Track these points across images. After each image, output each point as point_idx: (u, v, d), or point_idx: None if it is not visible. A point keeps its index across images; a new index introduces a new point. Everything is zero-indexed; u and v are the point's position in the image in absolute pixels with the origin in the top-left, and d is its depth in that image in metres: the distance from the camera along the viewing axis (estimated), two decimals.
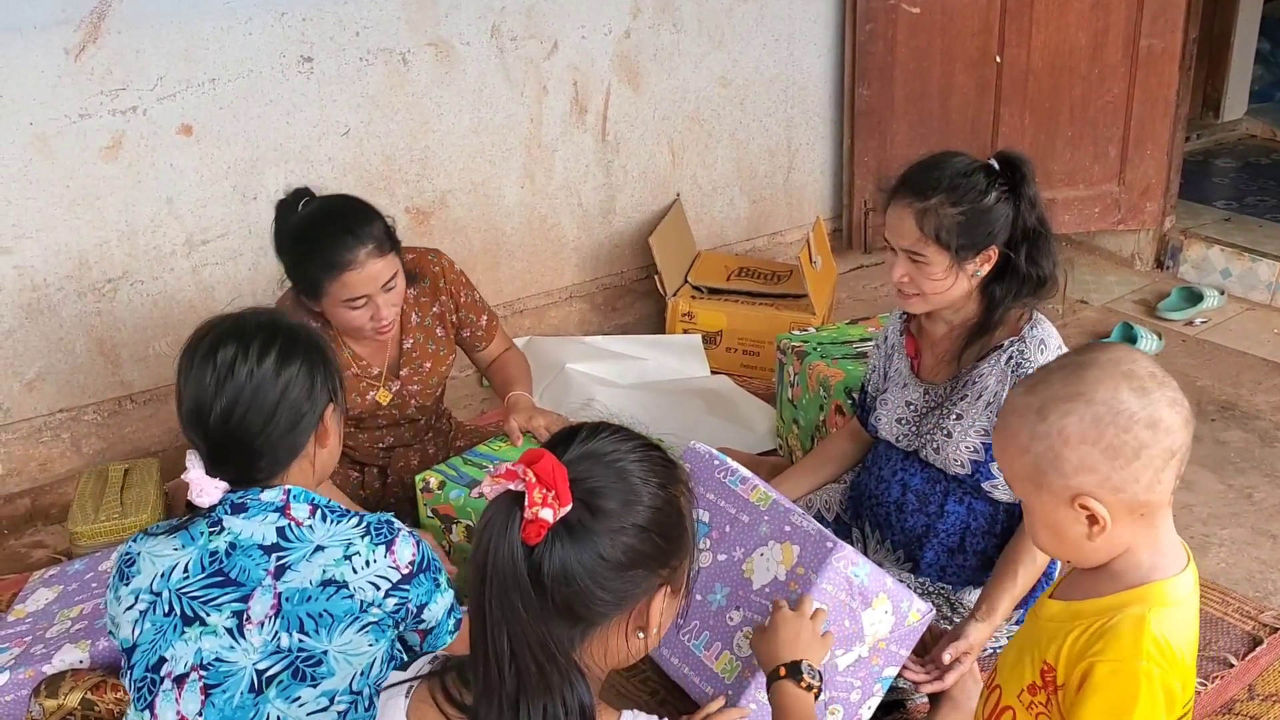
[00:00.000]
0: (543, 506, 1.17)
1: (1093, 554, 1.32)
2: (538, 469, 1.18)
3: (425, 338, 2.57)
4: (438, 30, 3.24)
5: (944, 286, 2.09)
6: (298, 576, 1.55)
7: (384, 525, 1.62)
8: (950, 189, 2.05)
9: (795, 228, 4.21)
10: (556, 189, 3.63)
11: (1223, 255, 4.06)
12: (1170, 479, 1.27)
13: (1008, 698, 1.41)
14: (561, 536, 1.18)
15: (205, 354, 1.57)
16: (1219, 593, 2.51)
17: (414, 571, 1.61)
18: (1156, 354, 3.58)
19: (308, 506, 1.60)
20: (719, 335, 3.58)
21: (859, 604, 1.85)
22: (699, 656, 1.92)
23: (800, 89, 4.04)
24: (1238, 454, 3.06)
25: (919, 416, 2.22)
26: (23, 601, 2.38)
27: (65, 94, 2.76)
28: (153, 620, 1.57)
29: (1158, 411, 1.24)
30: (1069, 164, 4.02)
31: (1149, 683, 1.24)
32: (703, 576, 1.98)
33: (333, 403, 1.64)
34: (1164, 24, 3.85)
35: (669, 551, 1.26)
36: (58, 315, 2.91)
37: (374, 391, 2.52)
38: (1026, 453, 1.28)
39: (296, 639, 1.55)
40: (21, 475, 2.97)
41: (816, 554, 1.87)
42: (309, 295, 2.34)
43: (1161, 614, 1.26)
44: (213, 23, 2.89)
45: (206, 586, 1.56)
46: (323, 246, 2.27)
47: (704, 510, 2.05)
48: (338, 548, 1.58)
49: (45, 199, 2.81)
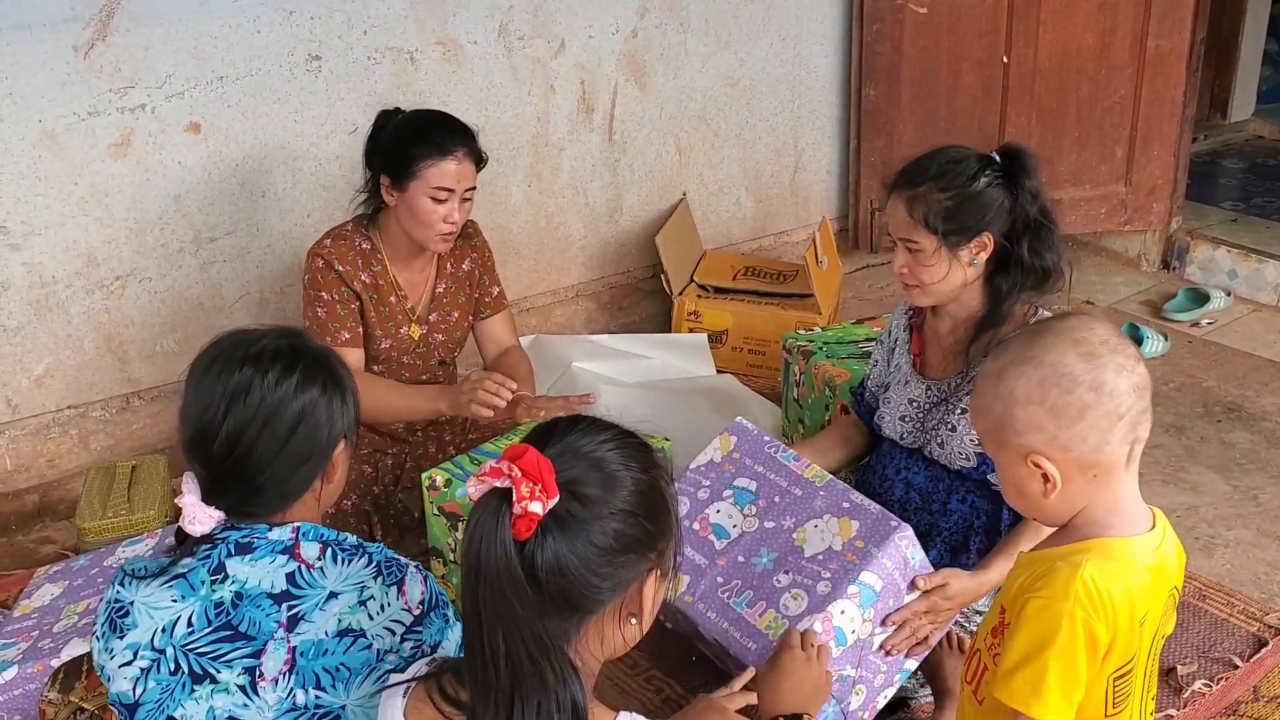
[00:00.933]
0: (531, 500, 1.17)
1: (1053, 512, 1.40)
2: (522, 463, 1.18)
3: (456, 288, 2.69)
4: (445, 29, 3.24)
5: (939, 274, 2.10)
6: (312, 628, 1.45)
7: (392, 563, 1.52)
8: (938, 175, 2.07)
9: (801, 227, 4.21)
10: (563, 188, 3.64)
11: (1229, 256, 4.05)
12: (1120, 441, 1.34)
13: (978, 641, 1.49)
14: (551, 529, 1.19)
15: (219, 372, 1.46)
16: (1224, 594, 2.51)
17: (424, 611, 1.51)
18: (1162, 355, 3.58)
19: (318, 546, 1.49)
20: (725, 334, 3.59)
21: (905, 586, 1.89)
22: (740, 613, 1.90)
23: (807, 89, 4.04)
24: (1244, 455, 3.06)
25: (923, 413, 2.22)
26: (28, 597, 2.39)
27: (74, 91, 2.77)
28: (157, 679, 1.45)
29: (1102, 375, 1.32)
30: (1075, 164, 4.02)
31: (1070, 622, 1.30)
32: (746, 540, 1.98)
33: (345, 440, 1.53)
34: (1171, 24, 3.85)
35: (656, 534, 1.27)
36: (66, 312, 2.92)
37: (406, 327, 2.62)
38: (989, 413, 1.39)
39: (313, 695, 1.44)
40: (30, 471, 2.98)
41: (878, 530, 1.90)
42: (401, 176, 2.45)
43: (1099, 564, 1.33)
44: (221, 21, 2.90)
45: (215, 642, 1.45)
46: (433, 132, 2.46)
47: (750, 480, 2.07)
48: (352, 593, 1.47)
49: (54, 196, 2.82)
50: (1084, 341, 1.34)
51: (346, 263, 2.52)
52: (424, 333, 2.65)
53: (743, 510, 2.03)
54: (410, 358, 2.66)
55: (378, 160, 2.50)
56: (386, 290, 2.58)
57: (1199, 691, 2.24)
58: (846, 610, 1.84)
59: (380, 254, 2.57)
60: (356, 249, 2.55)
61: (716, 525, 2.03)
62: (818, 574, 1.88)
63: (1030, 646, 1.33)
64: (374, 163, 2.52)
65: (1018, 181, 2.08)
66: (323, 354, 1.53)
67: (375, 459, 2.71)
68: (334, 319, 2.51)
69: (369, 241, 2.56)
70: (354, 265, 2.53)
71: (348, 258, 2.53)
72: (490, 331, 2.78)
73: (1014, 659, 1.34)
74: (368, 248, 2.56)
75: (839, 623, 1.83)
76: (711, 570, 1.97)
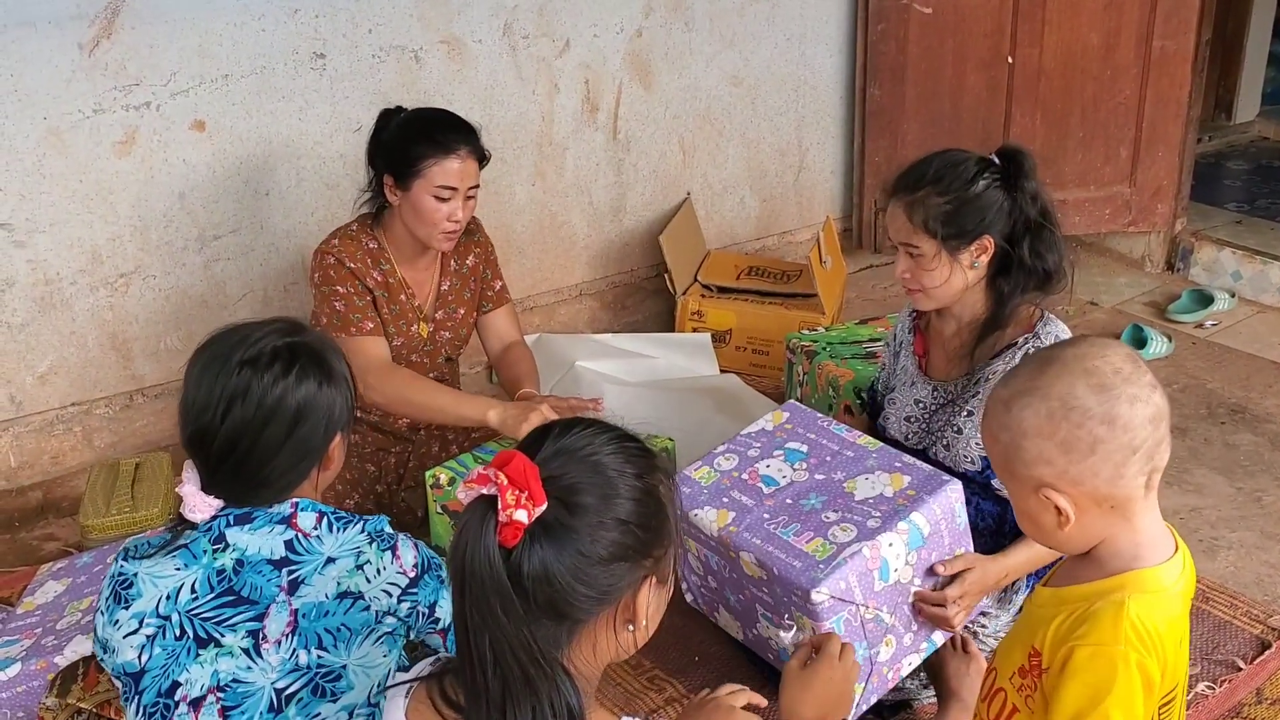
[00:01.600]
0: (516, 508, 1.15)
1: (1068, 542, 1.36)
2: (509, 470, 1.16)
3: (461, 284, 2.70)
4: (450, 28, 3.24)
5: (940, 279, 2.10)
6: (312, 591, 1.51)
7: (384, 531, 1.58)
8: (936, 179, 2.07)
9: (805, 227, 4.21)
10: (567, 187, 3.64)
11: (1234, 258, 4.05)
12: (1135, 473, 1.29)
13: (1001, 680, 1.45)
14: (539, 537, 1.17)
15: (217, 373, 1.49)
16: (1227, 596, 2.51)
17: (419, 573, 1.59)
18: (1166, 356, 3.57)
19: (314, 515, 1.55)
20: (728, 334, 3.59)
21: (949, 542, 1.94)
22: (787, 540, 1.91)
23: (811, 88, 4.04)
24: (1248, 457, 3.05)
25: (929, 414, 2.22)
26: (31, 594, 2.39)
27: (79, 89, 2.77)
28: (162, 645, 1.51)
29: (1115, 408, 1.27)
30: (1080, 165, 4.01)
31: (1126, 667, 1.26)
32: (795, 487, 2.00)
33: (341, 432, 1.58)
34: (1176, 25, 3.84)
35: (651, 542, 1.25)
36: (70, 309, 2.92)
37: (415, 325, 2.61)
38: (997, 442, 1.35)
39: (315, 655, 1.51)
40: (33, 468, 2.99)
41: (930, 483, 1.94)
42: (404, 175, 2.45)
43: (1141, 600, 1.29)
44: (226, 19, 2.90)
45: (218, 607, 1.51)
46: (435, 131, 2.46)
47: (801, 443, 2.10)
48: (349, 558, 1.54)
49: (59, 193, 2.82)
50: (1095, 371, 1.28)
51: (357, 260, 2.52)
52: (431, 330, 2.66)
53: (793, 466, 2.06)
54: (419, 355, 2.66)
55: (381, 160, 2.50)
56: (396, 288, 2.58)
57: (1202, 694, 2.24)
58: (894, 545, 1.87)
59: (387, 253, 2.57)
60: (364, 248, 2.55)
61: (766, 476, 2.05)
62: (868, 513, 1.91)
63: (1086, 698, 1.27)
64: (377, 162, 2.52)
65: (1016, 183, 2.08)
66: (318, 348, 1.56)
67: (378, 457, 2.71)
68: (354, 310, 2.49)
69: (375, 241, 2.56)
70: (364, 264, 2.53)
71: (357, 256, 2.52)
72: (494, 325, 2.78)
73: (1069, 712, 1.29)
74: (375, 247, 2.56)
75: (885, 554, 1.86)
76: (759, 509, 1.98)
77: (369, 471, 2.68)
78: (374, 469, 2.70)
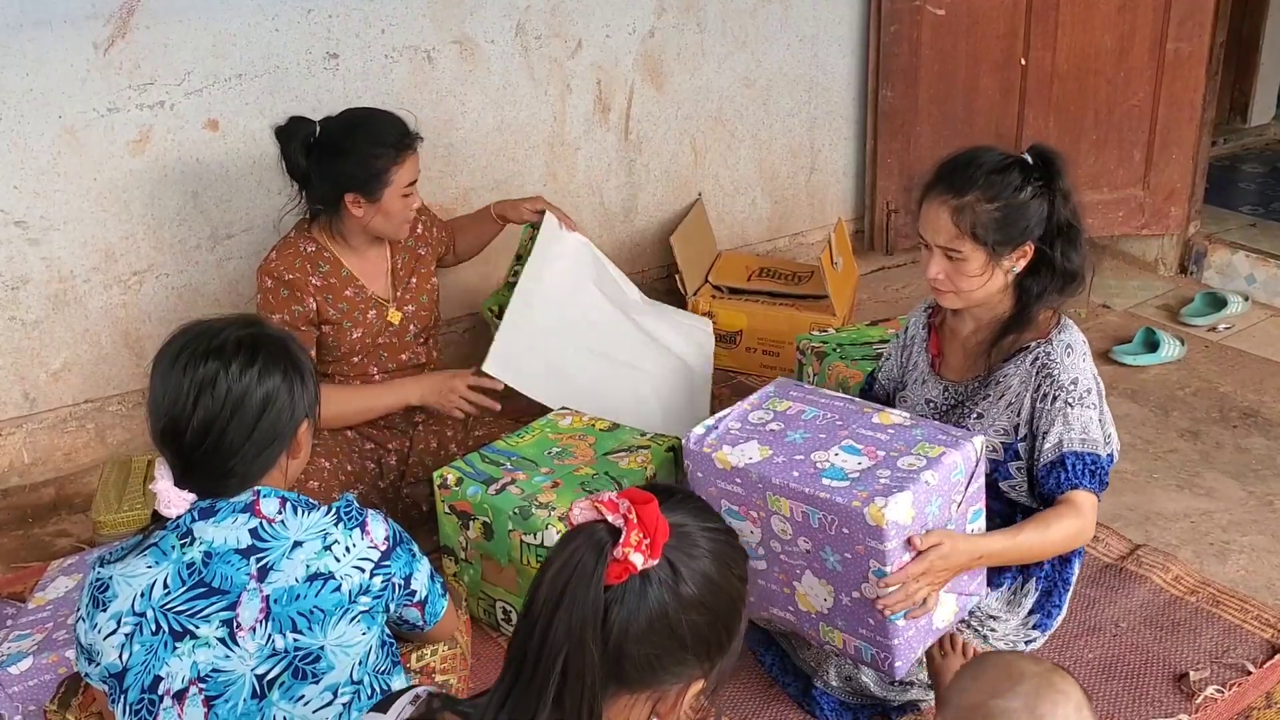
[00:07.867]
0: (635, 550, 1.12)
1: None
2: (642, 511, 1.13)
3: (409, 255, 2.76)
4: (463, 28, 3.25)
5: (980, 283, 2.09)
6: (281, 576, 1.53)
7: (351, 508, 1.61)
8: (986, 185, 2.04)
9: (817, 228, 4.21)
10: (579, 187, 3.64)
11: (1247, 261, 4.03)
12: None
13: None
14: (635, 589, 1.13)
15: (185, 365, 1.53)
16: (1238, 600, 2.50)
17: (391, 546, 1.61)
18: (1179, 359, 3.56)
19: (277, 501, 1.57)
20: (739, 335, 3.59)
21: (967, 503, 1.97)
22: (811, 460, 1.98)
23: (824, 90, 4.04)
24: (1259, 461, 3.04)
25: (939, 415, 2.22)
26: (43, 589, 2.41)
27: (94, 88, 2.79)
28: (141, 641, 1.52)
29: None
30: (1093, 168, 4.00)
31: None
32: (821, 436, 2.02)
33: (307, 419, 1.61)
34: (1191, 27, 3.83)
35: (722, 646, 1.21)
36: (84, 307, 2.94)
37: (375, 310, 2.66)
38: None
39: (291, 639, 1.53)
40: (47, 464, 3.01)
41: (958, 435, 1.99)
42: (373, 189, 2.49)
43: None
44: (240, 19, 2.92)
45: (191, 599, 1.53)
46: (386, 136, 2.48)
47: (809, 406, 2.11)
48: (315, 540, 1.56)
49: (73, 191, 2.84)
50: None
51: (295, 270, 2.55)
52: (402, 315, 2.71)
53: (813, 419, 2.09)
54: (385, 338, 2.69)
55: (341, 181, 2.50)
56: (341, 285, 2.61)
57: (1211, 697, 2.23)
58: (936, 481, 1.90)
59: (327, 252, 2.61)
60: (302, 254, 2.58)
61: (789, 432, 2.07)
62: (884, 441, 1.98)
63: None
64: (325, 183, 2.51)
65: (1052, 186, 2.07)
66: (281, 340, 1.61)
67: (377, 454, 2.72)
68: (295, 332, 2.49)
69: (313, 243, 2.60)
70: (303, 271, 2.56)
71: (295, 265, 2.56)
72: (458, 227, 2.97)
73: None
74: (313, 250, 2.59)
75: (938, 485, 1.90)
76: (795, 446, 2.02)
77: (370, 469, 2.69)
78: (374, 466, 2.70)
